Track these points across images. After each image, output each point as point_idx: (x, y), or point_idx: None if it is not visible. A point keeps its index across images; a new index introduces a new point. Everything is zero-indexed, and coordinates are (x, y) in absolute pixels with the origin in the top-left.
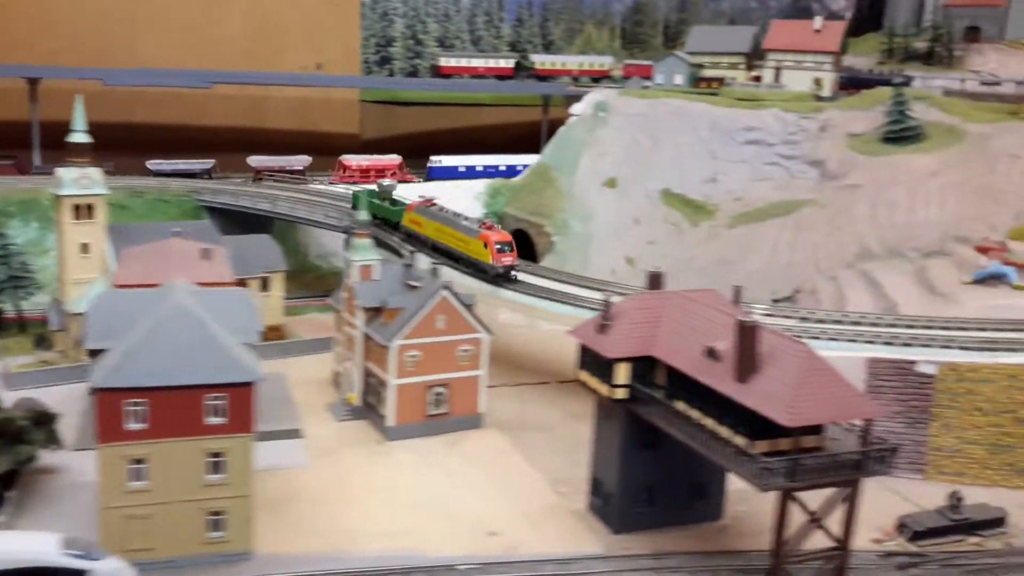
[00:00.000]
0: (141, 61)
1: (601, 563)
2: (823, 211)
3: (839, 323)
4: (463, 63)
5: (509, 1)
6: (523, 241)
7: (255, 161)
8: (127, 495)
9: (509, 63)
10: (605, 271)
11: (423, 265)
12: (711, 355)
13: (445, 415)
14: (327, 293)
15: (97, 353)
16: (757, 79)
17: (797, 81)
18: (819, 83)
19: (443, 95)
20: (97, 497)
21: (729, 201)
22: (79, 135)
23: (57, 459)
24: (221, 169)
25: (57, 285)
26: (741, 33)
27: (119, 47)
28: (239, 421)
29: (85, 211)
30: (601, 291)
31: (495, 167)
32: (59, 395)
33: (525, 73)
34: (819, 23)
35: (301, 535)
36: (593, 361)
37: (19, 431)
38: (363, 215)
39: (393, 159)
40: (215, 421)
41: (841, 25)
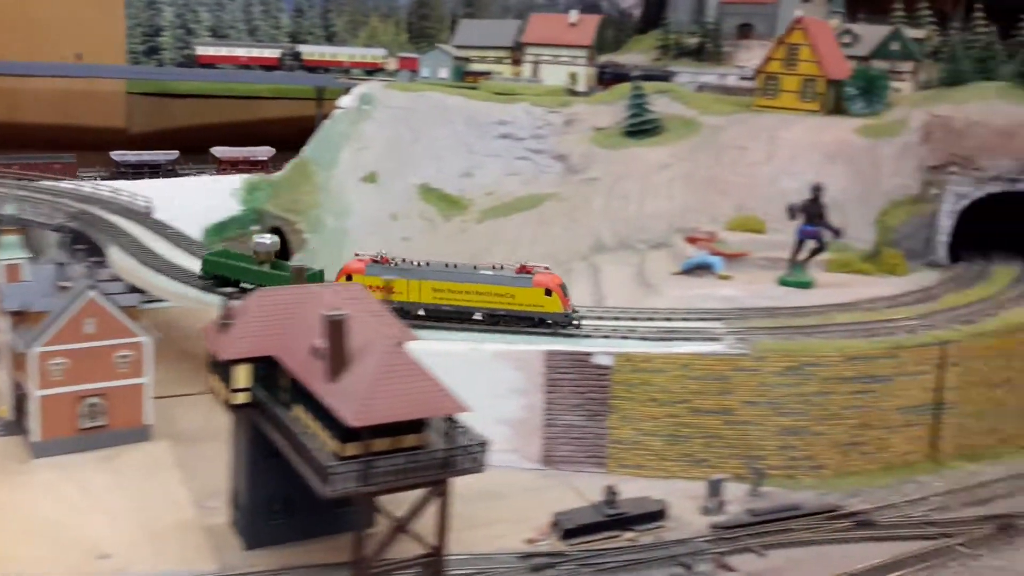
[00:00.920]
0: None
1: None
2: (563, 204)
3: None
4: (223, 52)
5: None
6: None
7: (219, 152)
8: None
9: (274, 53)
10: None
11: (79, 264)
12: (315, 353)
13: (103, 428)
14: None
15: None
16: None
17: (555, 75)
18: (574, 77)
19: (219, 86)
20: None
21: (482, 195)
22: None
23: None
24: None
25: None
26: (506, 27)
27: None
28: None
29: None
30: None
31: None
32: None
33: (294, 64)
34: (575, 17)
35: None
36: (218, 364)
37: None
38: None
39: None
40: None
41: (595, 19)
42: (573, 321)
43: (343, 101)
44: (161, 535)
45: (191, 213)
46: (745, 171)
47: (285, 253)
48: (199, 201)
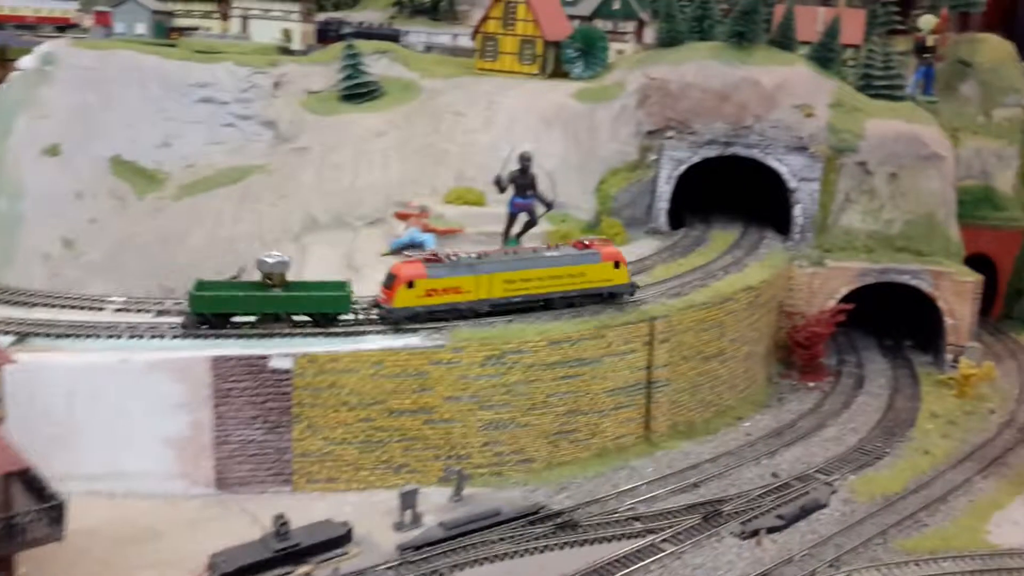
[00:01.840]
0: None
1: None
2: (272, 177)
3: (169, 312)
4: None
5: None
6: None
7: None
8: None
9: None
10: (37, 257)
11: None
12: None
13: None
14: None
15: None
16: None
17: (267, 32)
18: (288, 34)
19: None
20: None
21: (181, 168)
22: None
23: None
24: None
25: None
26: None
27: None
28: None
29: None
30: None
31: None
32: None
33: None
34: None
35: None
36: None
37: None
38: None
39: None
40: None
41: None
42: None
43: (23, 62)
44: None
45: None
46: (463, 139)
47: None
48: None
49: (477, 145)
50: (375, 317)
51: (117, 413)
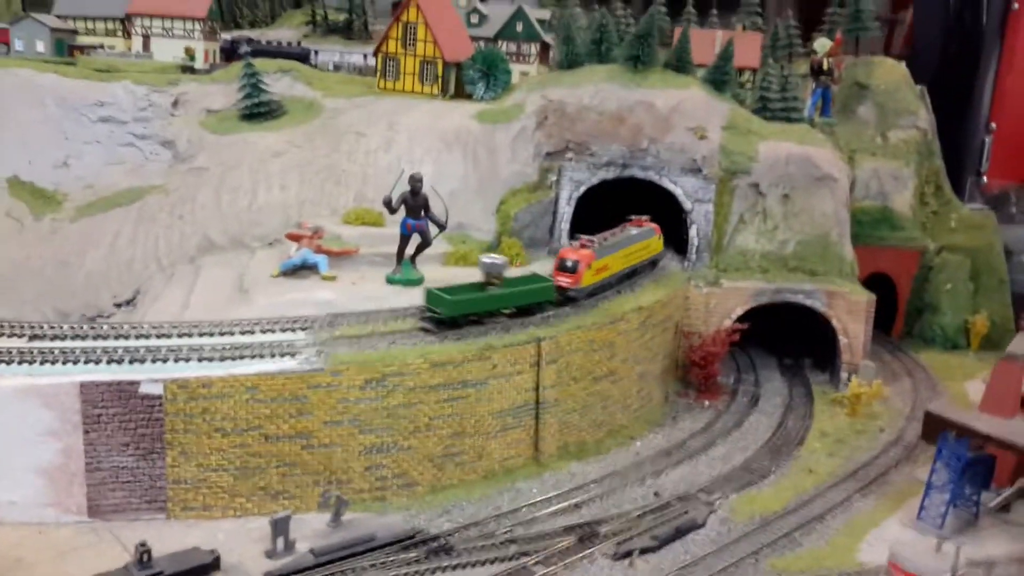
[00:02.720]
0: None
1: None
2: (169, 198)
3: (59, 338)
4: None
5: None
6: None
7: None
8: None
9: None
10: None
11: None
12: None
13: None
14: None
15: None
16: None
17: (169, 50)
18: (190, 53)
19: None
20: None
21: (80, 189)
22: None
23: None
24: None
25: None
26: None
27: None
28: None
29: None
30: None
31: None
32: None
33: None
34: None
35: None
36: None
37: None
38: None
39: None
40: None
41: None
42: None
43: None
44: None
45: None
46: (363, 159)
47: None
48: None
49: (377, 165)
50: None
51: None
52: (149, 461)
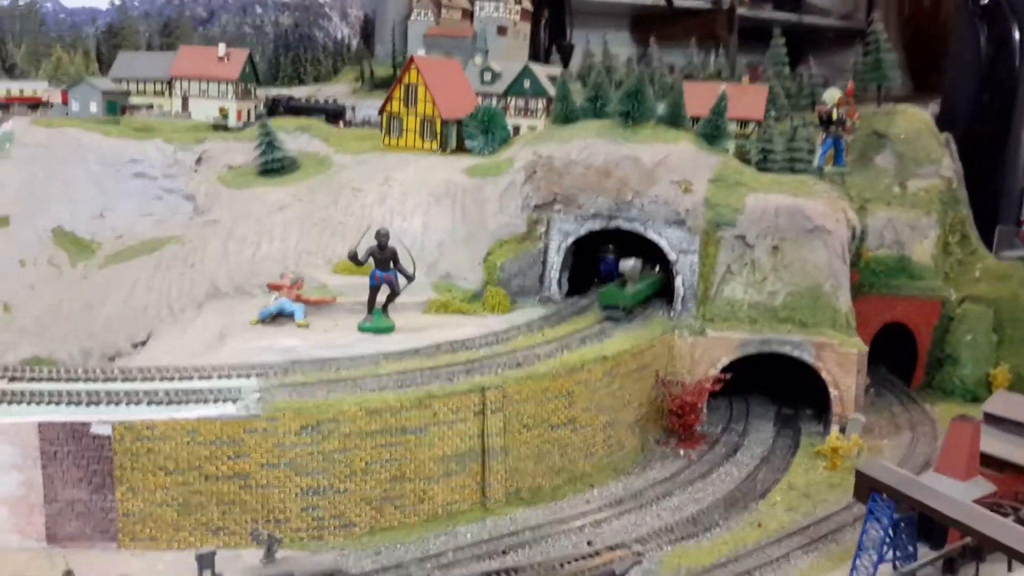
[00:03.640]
0: None
1: None
2: (183, 248)
3: (20, 379)
4: None
5: None
6: None
7: None
8: None
9: None
10: None
11: None
12: None
13: None
14: None
15: None
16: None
17: (205, 110)
18: (224, 112)
19: None
20: None
21: (112, 239)
22: None
23: None
24: None
25: None
26: (165, 59)
27: None
28: None
29: None
30: None
31: None
32: None
33: None
34: (223, 51)
35: None
36: None
37: None
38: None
39: None
40: None
41: (243, 53)
42: None
43: None
44: None
45: None
46: (359, 212)
47: None
48: None
49: (371, 218)
50: None
51: None
52: (101, 495)
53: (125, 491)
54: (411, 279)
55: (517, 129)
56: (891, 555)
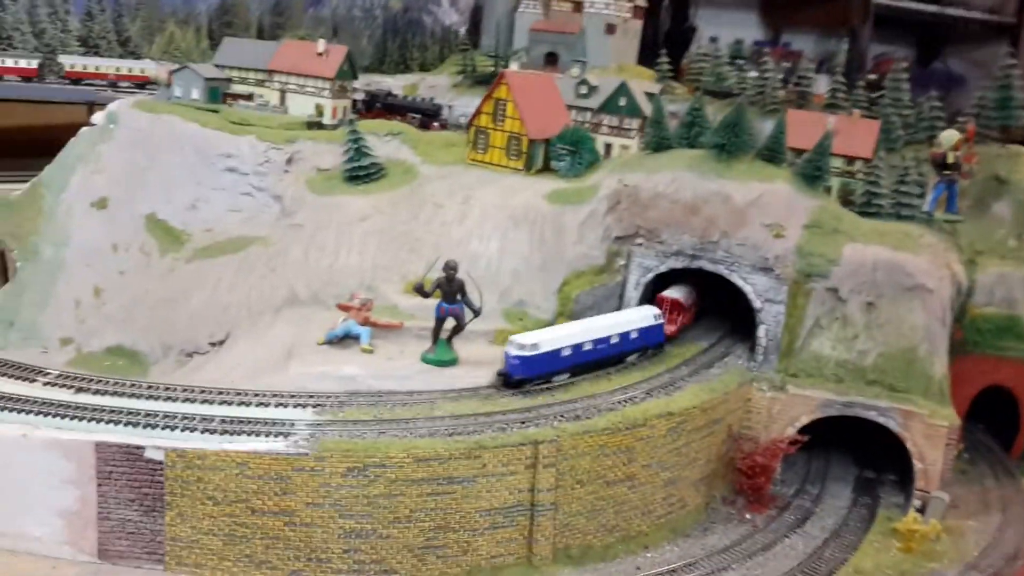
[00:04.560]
0: None
1: None
2: (267, 250)
3: (86, 391)
4: None
5: None
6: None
7: None
8: None
9: (32, 63)
10: (70, 303)
11: None
12: None
13: None
14: None
15: None
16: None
17: (302, 105)
18: (320, 109)
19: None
20: None
21: (201, 232)
22: None
23: None
24: None
25: None
26: (268, 49)
27: None
28: None
29: None
30: None
31: None
32: None
33: (55, 75)
34: (322, 46)
35: None
36: None
37: None
38: None
39: None
40: None
41: (342, 50)
42: None
43: (96, 118)
44: None
45: None
46: (439, 230)
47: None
48: None
49: (449, 237)
50: None
51: (18, 480)
52: (151, 517)
53: (174, 516)
54: (477, 313)
55: (608, 148)
56: None
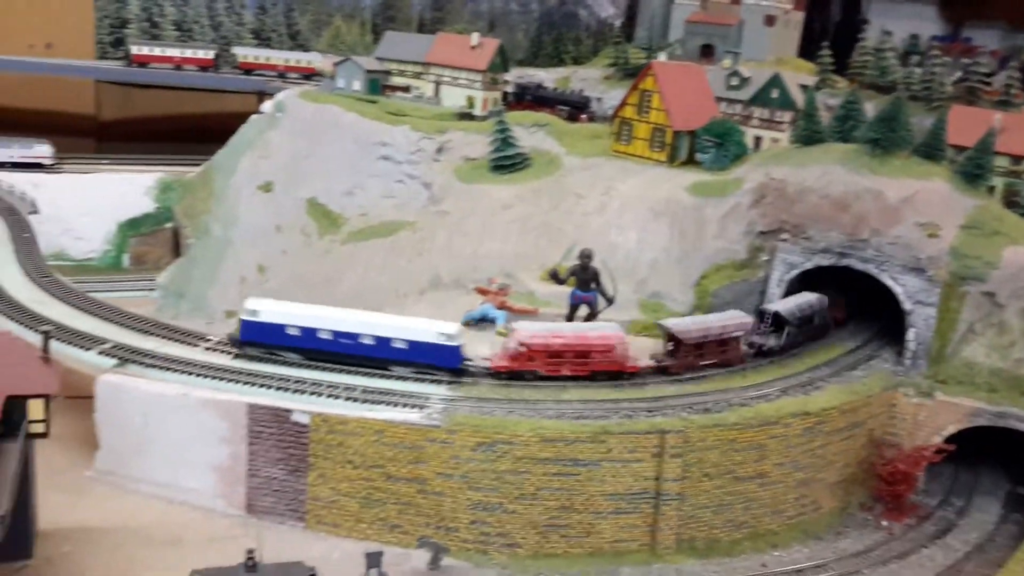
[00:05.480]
0: None
1: None
2: (415, 235)
3: (241, 356)
4: (157, 52)
5: None
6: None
7: None
8: None
9: (208, 54)
10: (235, 279)
11: None
12: None
13: None
14: None
15: None
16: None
17: (455, 97)
18: (471, 101)
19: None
20: None
21: (356, 216)
22: None
23: None
24: None
25: None
26: (426, 42)
27: None
28: None
29: None
30: None
31: None
32: None
33: (229, 66)
34: (476, 39)
35: None
36: None
37: None
38: None
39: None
40: None
41: (494, 44)
42: None
43: (265, 106)
44: None
45: (101, 208)
46: (579, 220)
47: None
48: (111, 197)
49: (588, 227)
50: None
51: (178, 436)
52: (295, 477)
53: (316, 477)
54: (611, 301)
55: (758, 140)
56: None
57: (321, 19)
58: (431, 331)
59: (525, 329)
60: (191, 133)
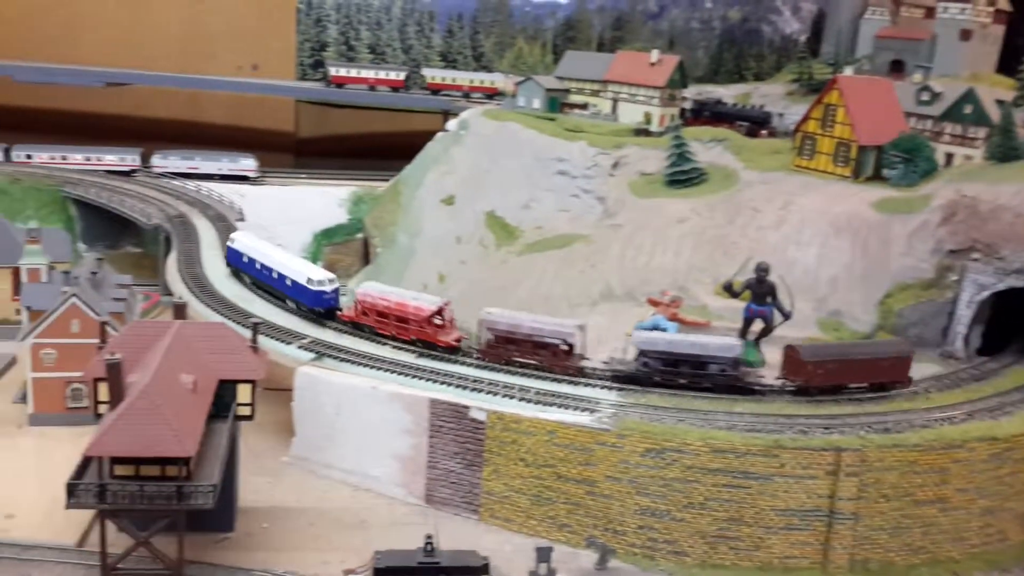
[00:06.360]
0: (80, 58)
1: (58, 553)
2: (588, 248)
3: (435, 359)
4: (353, 73)
5: (440, 12)
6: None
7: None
8: None
9: (400, 76)
10: (418, 285)
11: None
12: None
13: (84, 409)
14: None
15: None
16: None
17: (632, 114)
18: (648, 117)
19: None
20: None
21: (532, 228)
22: None
23: None
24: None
25: None
26: (606, 61)
27: (64, 43)
28: None
29: None
30: None
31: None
32: None
33: (418, 87)
34: (655, 56)
35: None
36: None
37: None
38: None
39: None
40: None
41: (673, 60)
42: None
43: (450, 124)
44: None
45: (300, 218)
46: (755, 235)
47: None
48: (308, 209)
49: (765, 242)
50: None
51: (366, 426)
52: (471, 471)
53: (491, 472)
54: (788, 316)
55: (949, 158)
56: None
57: (504, 41)
58: (303, 273)
59: (364, 289)
60: (381, 150)
